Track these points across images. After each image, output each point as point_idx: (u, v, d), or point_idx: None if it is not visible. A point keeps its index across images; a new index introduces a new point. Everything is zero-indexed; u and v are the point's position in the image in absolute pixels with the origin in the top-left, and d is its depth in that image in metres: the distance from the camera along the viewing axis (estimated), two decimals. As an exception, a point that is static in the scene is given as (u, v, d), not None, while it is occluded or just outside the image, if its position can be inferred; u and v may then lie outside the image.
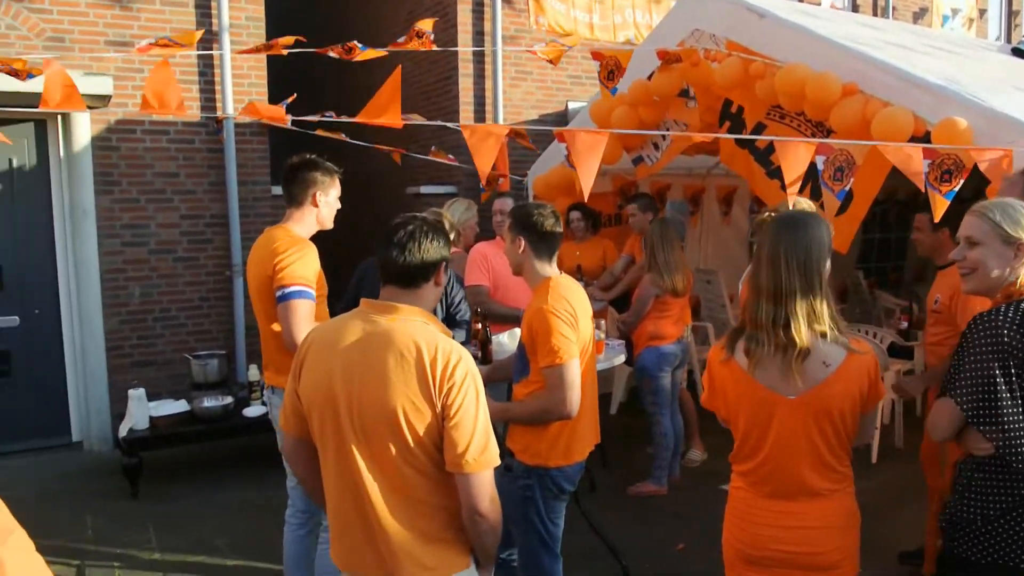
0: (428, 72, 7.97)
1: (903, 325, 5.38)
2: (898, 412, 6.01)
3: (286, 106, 4.73)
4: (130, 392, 5.51)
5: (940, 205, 3.40)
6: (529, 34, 7.65)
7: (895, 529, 4.41)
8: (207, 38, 6.32)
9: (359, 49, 3.98)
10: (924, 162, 3.44)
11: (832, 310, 2.17)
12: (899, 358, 6.36)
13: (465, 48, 7.31)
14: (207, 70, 6.46)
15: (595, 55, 4.77)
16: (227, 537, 4.64)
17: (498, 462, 2.02)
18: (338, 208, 3.44)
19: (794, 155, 3.55)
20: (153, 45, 4.04)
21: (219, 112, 6.45)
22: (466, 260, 4.76)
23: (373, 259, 2.20)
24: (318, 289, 3.21)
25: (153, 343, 6.43)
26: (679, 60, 4.91)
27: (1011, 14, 11.59)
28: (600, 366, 3.97)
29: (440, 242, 2.13)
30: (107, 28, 6.08)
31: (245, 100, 6.49)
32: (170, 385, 6.35)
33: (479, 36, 7.46)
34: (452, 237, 3.70)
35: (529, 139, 6.46)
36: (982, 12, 11.25)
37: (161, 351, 6.46)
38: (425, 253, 2.08)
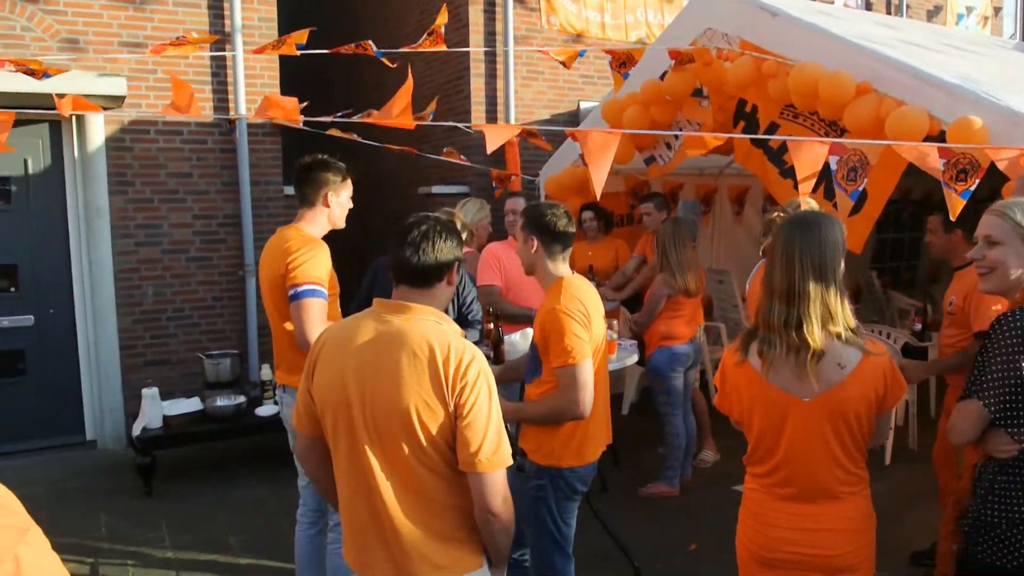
0: (440, 72, 7.98)
1: (917, 327, 5.33)
2: (912, 414, 5.96)
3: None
4: (143, 391, 5.55)
5: (956, 204, 3.37)
6: (541, 34, 7.65)
7: (908, 530, 4.38)
8: (220, 39, 6.34)
9: (372, 49, 3.99)
10: (939, 161, 3.41)
11: (847, 311, 2.15)
12: (913, 359, 6.30)
13: (477, 48, 7.31)
14: (220, 71, 6.49)
15: (610, 53, 4.76)
16: (239, 535, 4.66)
17: (511, 462, 2.02)
18: (350, 208, 3.45)
19: (807, 155, 3.53)
20: (167, 45, 4.06)
21: (232, 113, 6.47)
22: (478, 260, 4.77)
23: (385, 259, 2.20)
24: (330, 288, 3.22)
25: (166, 342, 6.46)
26: (692, 60, 4.90)
27: (1027, 12, 11.50)
28: (612, 366, 3.97)
29: (453, 242, 2.13)
30: (121, 29, 6.11)
31: (258, 101, 6.51)
32: (183, 384, 6.39)
33: (491, 36, 7.46)
34: (464, 237, 3.70)
35: (541, 139, 6.46)
36: (997, 10, 11.16)
37: (174, 350, 6.49)
38: (439, 253, 2.09)
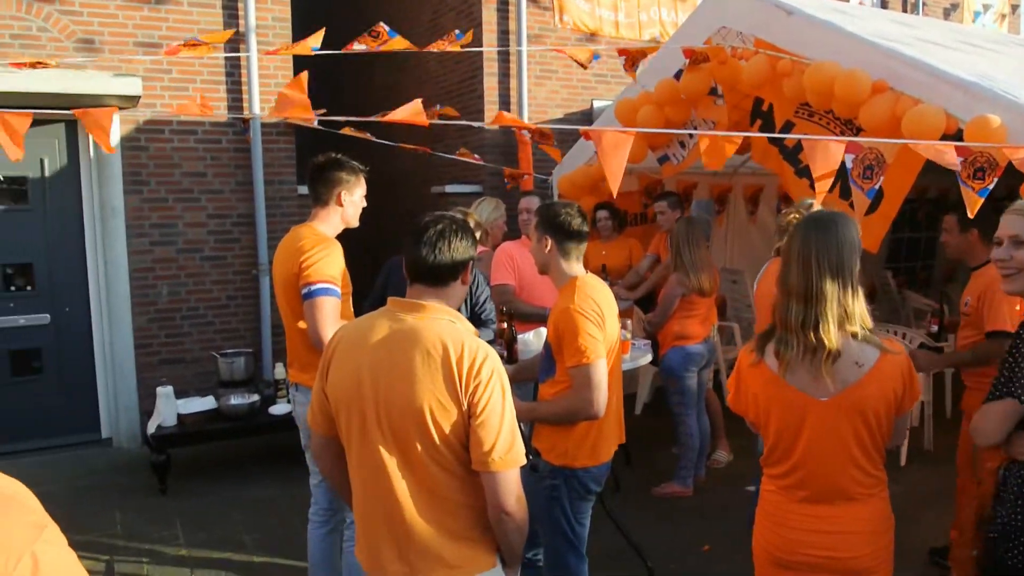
0: (453, 71, 7.98)
1: (934, 329, 5.29)
2: (927, 414, 5.92)
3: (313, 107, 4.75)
4: (158, 389, 5.58)
5: (974, 202, 3.33)
6: (554, 33, 7.63)
7: (925, 531, 4.35)
8: (234, 39, 6.36)
9: (387, 34, 3.96)
10: (957, 159, 3.38)
11: (864, 310, 2.13)
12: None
13: (490, 48, 7.30)
14: (234, 71, 6.51)
15: (621, 52, 4.75)
16: (253, 534, 4.67)
17: (524, 461, 2.02)
18: (364, 207, 3.45)
19: (823, 154, 3.50)
20: (182, 46, 4.07)
21: (246, 112, 6.50)
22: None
23: (399, 257, 2.20)
24: (343, 287, 3.22)
25: (181, 341, 6.50)
26: (707, 59, 4.87)
27: (1045, 9, 11.38)
28: (626, 366, 3.95)
29: (469, 241, 2.14)
30: (136, 30, 6.14)
31: (272, 100, 6.54)
32: (197, 383, 6.42)
33: (504, 35, 7.45)
34: (478, 236, 3.70)
35: (554, 138, 6.45)
36: (1014, 7, 11.05)
37: (189, 349, 6.52)
38: (455, 252, 2.09)
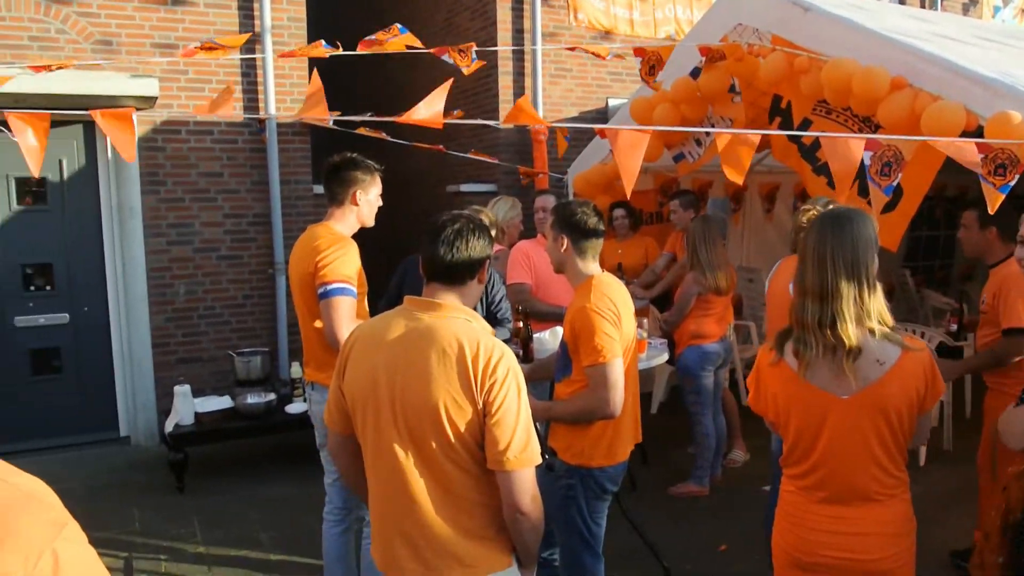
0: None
1: (953, 328, 5.25)
2: (947, 415, 5.87)
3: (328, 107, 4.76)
4: (175, 388, 5.61)
5: (994, 198, 3.30)
6: (569, 31, 7.61)
7: (946, 533, 4.31)
8: (249, 39, 6.39)
9: (399, 31, 3.95)
10: (977, 155, 3.34)
11: (883, 307, 2.11)
12: (947, 359, 6.18)
13: (505, 47, 7.29)
14: (250, 71, 6.54)
15: (637, 51, 4.72)
16: (270, 532, 4.69)
17: (539, 460, 2.01)
18: (379, 206, 3.45)
19: (843, 152, 3.46)
20: (199, 49, 4.08)
21: (261, 112, 6.52)
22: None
23: (415, 256, 2.21)
24: (359, 286, 3.22)
25: (198, 340, 6.53)
26: (723, 57, 4.84)
27: (1066, 4, 11.23)
28: (642, 365, 3.94)
29: (485, 240, 2.14)
30: (153, 31, 6.18)
31: (287, 100, 6.56)
32: (214, 381, 6.45)
33: (518, 34, 7.44)
34: (494, 234, 3.69)
35: (568, 134, 6.41)
36: (1035, 3, 10.92)
37: (205, 348, 6.56)
38: (472, 251, 2.09)
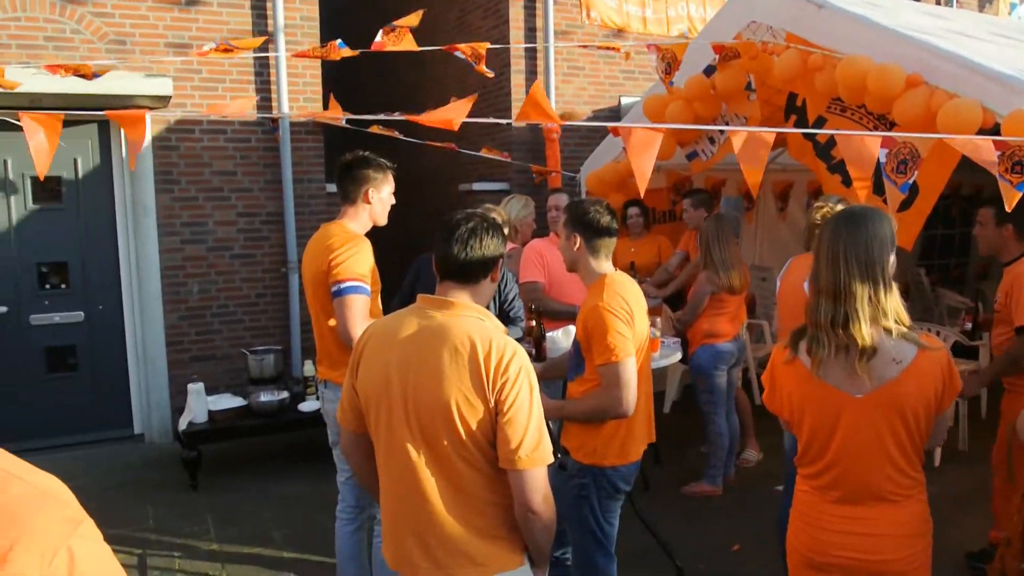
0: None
1: (967, 326, 5.21)
2: (963, 414, 5.82)
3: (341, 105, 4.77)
4: (189, 386, 5.64)
5: (1012, 196, 3.27)
6: (581, 29, 7.60)
7: (961, 534, 4.28)
8: (262, 37, 6.41)
9: (407, 30, 3.95)
10: (994, 154, 3.31)
11: (899, 306, 2.09)
12: (963, 358, 6.16)
13: (517, 44, 7.28)
14: (263, 70, 6.56)
15: (651, 50, 4.70)
16: (282, 530, 4.71)
17: (551, 459, 2.01)
18: (392, 204, 3.45)
19: (859, 150, 3.44)
20: (213, 50, 4.09)
21: (274, 111, 6.54)
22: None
23: (428, 255, 2.20)
24: (372, 284, 3.23)
25: (211, 338, 6.56)
26: (738, 56, 4.82)
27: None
28: (656, 364, 3.92)
29: (499, 239, 2.14)
30: (167, 31, 6.21)
31: (300, 99, 6.58)
32: (227, 380, 6.48)
33: (531, 32, 7.43)
34: (507, 233, 3.68)
35: (583, 121, 6.37)
36: (1052, -1, 10.83)
37: (219, 346, 6.58)
38: (485, 249, 2.09)
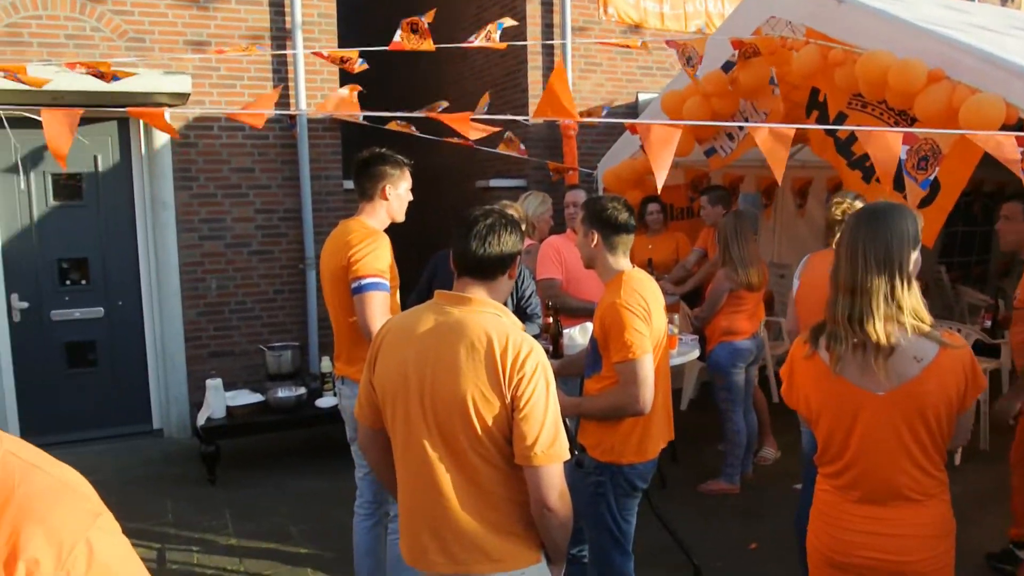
0: (497, 65, 7.97)
1: (987, 324, 5.15)
2: (984, 412, 5.76)
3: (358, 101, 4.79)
4: (208, 382, 5.67)
5: (1035, 193, 3.24)
6: (599, 25, 7.57)
7: (983, 533, 4.24)
8: (280, 36, 6.44)
9: (424, 25, 3.95)
10: (1017, 150, 3.27)
11: (919, 303, 2.07)
12: (984, 356, 6.09)
13: (534, 41, 7.27)
14: (281, 67, 6.58)
15: (670, 45, 4.68)
16: (300, 525, 4.73)
17: (567, 456, 2.00)
18: (409, 200, 3.46)
19: (881, 145, 3.40)
20: (234, 48, 4.12)
21: (292, 108, 6.56)
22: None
23: (446, 251, 2.21)
24: (391, 280, 3.23)
25: (229, 334, 6.60)
26: (757, 53, 4.78)
27: (1109, -6, 10.97)
28: (674, 362, 3.90)
29: (517, 235, 2.15)
30: (185, 28, 6.24)
31: (318, 96, 6.60)
32: (245, 375, 6.52)
33: (548, 28, 7.41)
34: (524, 229, 3.68)
35: (601, 118, 6.36)
36: (1076, -7, 10.68)
37: (237, 342, 6.62)
38: (503, 246, 2.09)
